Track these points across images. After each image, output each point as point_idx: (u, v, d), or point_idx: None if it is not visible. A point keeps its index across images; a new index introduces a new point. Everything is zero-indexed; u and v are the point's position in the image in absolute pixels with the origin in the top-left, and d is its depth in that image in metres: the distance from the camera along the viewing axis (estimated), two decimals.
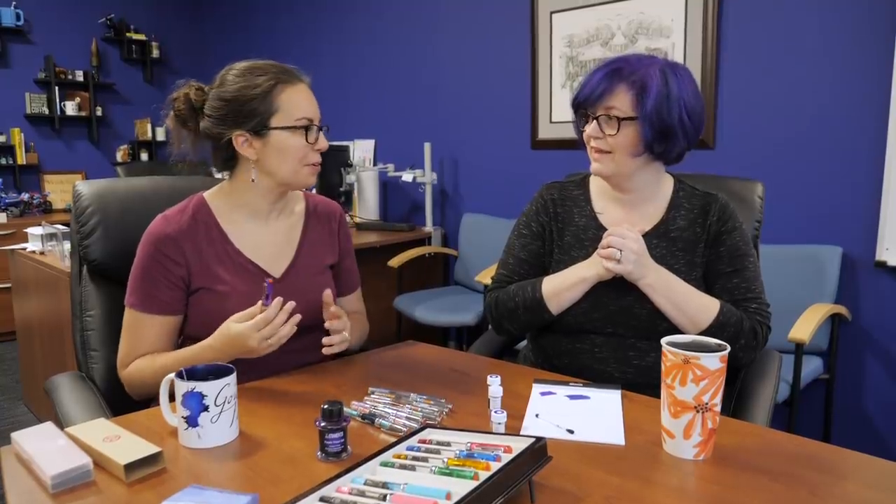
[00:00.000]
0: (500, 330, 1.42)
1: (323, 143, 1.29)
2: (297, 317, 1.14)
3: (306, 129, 1.25)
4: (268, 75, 1.24)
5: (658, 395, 0.93)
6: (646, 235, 1.30)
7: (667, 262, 1.29)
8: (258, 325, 1.11)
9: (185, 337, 1.30)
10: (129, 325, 1.26)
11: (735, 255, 1.30)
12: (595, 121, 1.27)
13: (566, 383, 1.19)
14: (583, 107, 1.29)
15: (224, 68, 1.29)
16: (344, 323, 1.25)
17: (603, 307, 1.29)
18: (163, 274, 1.24)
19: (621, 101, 1.24)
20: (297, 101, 1.25)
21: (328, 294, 1.24)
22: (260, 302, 1.13)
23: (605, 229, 1.29)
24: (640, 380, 1.27)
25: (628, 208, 1.36)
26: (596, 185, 1.43)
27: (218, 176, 1.38)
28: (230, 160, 1.30)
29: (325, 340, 1.23)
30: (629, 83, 1.24)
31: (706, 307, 1.24)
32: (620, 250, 1.21)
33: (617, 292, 1.27)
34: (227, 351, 1.15)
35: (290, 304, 1.13)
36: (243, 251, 1.30)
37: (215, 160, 1.32)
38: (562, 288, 1.30)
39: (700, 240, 1.32)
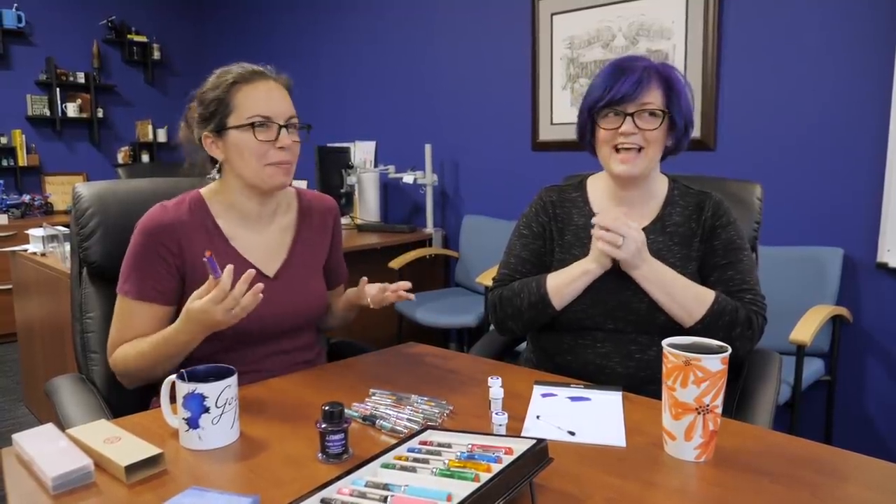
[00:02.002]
0: (503, 328, 1.42)
1: (284, 141, 1.24)
2: (260, 286, 1.10)
3: (253, 125, 1.22)
4: (229, 76, 1.25)
5: (660, 390, 0.93)
6: (643, 230, 1.32)
7: (663, 255, 1.31)
8: (216, 299, 1.06)
9: None
10: (120, 312, 1.25)
11: (729, 249, 1.32)
12: (629, 118, 1.28)
13: (567, 385, 1.19)
14: (616, 105, 1.29)
15: None
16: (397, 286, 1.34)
17: (602, 303, 1.30)
18: (157, 262, 1.23)
19: (654, 97, 1.29)
20: (251, 99, 1.23)
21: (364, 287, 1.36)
22: (210, 276, 1.08)
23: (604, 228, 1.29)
24: (642, 373, 1.29)
25: (627, 206, 1.38)
26: (594, 187, 1.44)
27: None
28: (213, 162, 1.32)
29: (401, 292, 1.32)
30: (657, 80, 1.29)
31: (701, 297, 1.26)
32: (623, 237, 1.22)
33: (615, 288, 1.29)
34: (197, 329, 1.13)
35: (248, 273, 1.08)
36: (237, 249, 1.29)
37: (205, 164, 1.34)
38: (565, 282, 1.31)
39: (695, 234, 1.35)
